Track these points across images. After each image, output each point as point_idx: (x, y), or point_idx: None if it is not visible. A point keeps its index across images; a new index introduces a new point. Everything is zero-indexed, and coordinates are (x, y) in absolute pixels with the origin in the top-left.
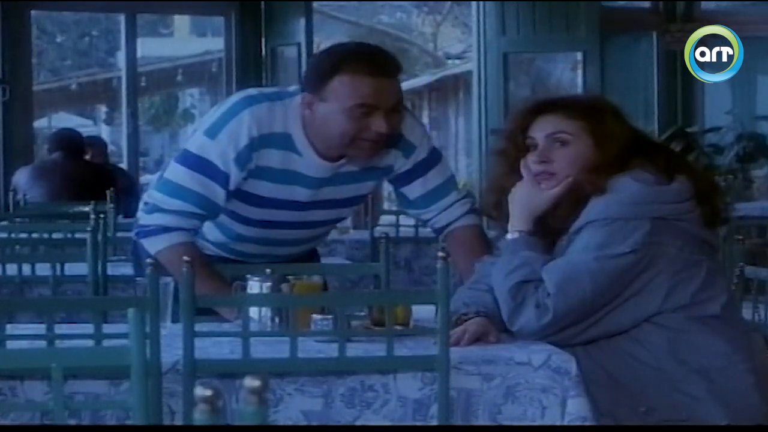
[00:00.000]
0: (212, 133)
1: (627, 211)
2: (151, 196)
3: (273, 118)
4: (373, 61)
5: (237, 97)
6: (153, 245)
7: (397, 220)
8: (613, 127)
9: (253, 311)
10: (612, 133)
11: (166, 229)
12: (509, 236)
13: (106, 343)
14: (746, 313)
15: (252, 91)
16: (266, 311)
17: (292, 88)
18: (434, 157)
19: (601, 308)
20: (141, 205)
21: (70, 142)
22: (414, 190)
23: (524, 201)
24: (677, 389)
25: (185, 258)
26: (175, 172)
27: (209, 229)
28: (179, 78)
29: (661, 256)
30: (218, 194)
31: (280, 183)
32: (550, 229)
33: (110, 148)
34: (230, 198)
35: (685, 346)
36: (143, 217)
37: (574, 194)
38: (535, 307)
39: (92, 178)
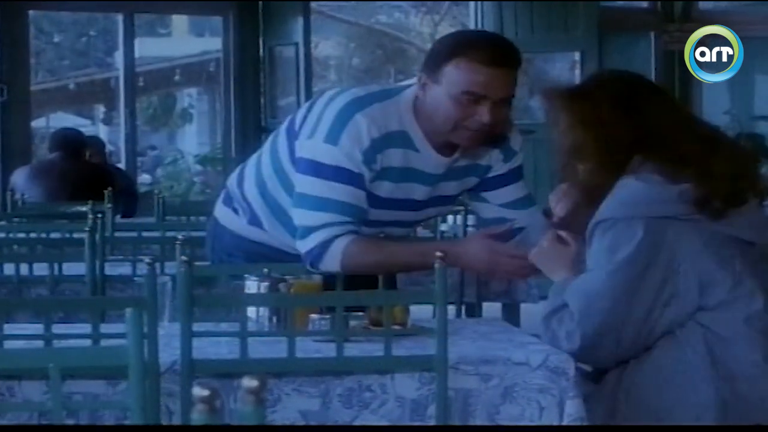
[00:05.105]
0: (332, 139)
1: (627, 210)
2: (297, 220)
3: (387, 117)
4: (491, 49)
5: (343, 99)
6: (330, 264)
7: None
8: (568, 116)
9: (251, 311)
10: (569, 123)
11: (326, 244)
12: (556, 277)
13: (103, 343)
14: None
15: (358, 91)
16: (264, 311)
17: (398, 85)
18: (522, 171)
19: (634, 319)
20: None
21: (69, 142)
22: (501, 196)
23: (554, 258)
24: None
25: (183, 258)
26: (311, 185)
27: None
28: (177, 78)
29: (681, 257)
30: (360, 197)
31: (400, 182)
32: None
33: (108, 147)
34: None
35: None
36: (301, 245)
37: (582, 196)
38: (565, 337)
39: (90, 178)
